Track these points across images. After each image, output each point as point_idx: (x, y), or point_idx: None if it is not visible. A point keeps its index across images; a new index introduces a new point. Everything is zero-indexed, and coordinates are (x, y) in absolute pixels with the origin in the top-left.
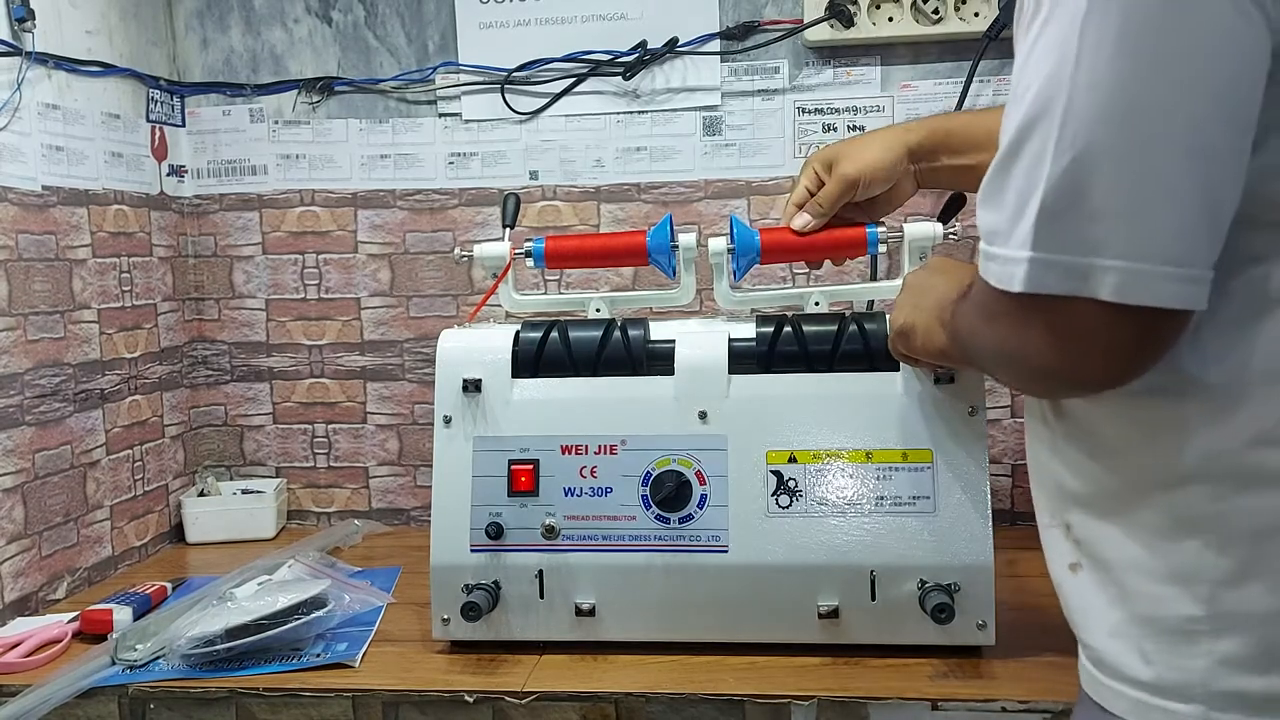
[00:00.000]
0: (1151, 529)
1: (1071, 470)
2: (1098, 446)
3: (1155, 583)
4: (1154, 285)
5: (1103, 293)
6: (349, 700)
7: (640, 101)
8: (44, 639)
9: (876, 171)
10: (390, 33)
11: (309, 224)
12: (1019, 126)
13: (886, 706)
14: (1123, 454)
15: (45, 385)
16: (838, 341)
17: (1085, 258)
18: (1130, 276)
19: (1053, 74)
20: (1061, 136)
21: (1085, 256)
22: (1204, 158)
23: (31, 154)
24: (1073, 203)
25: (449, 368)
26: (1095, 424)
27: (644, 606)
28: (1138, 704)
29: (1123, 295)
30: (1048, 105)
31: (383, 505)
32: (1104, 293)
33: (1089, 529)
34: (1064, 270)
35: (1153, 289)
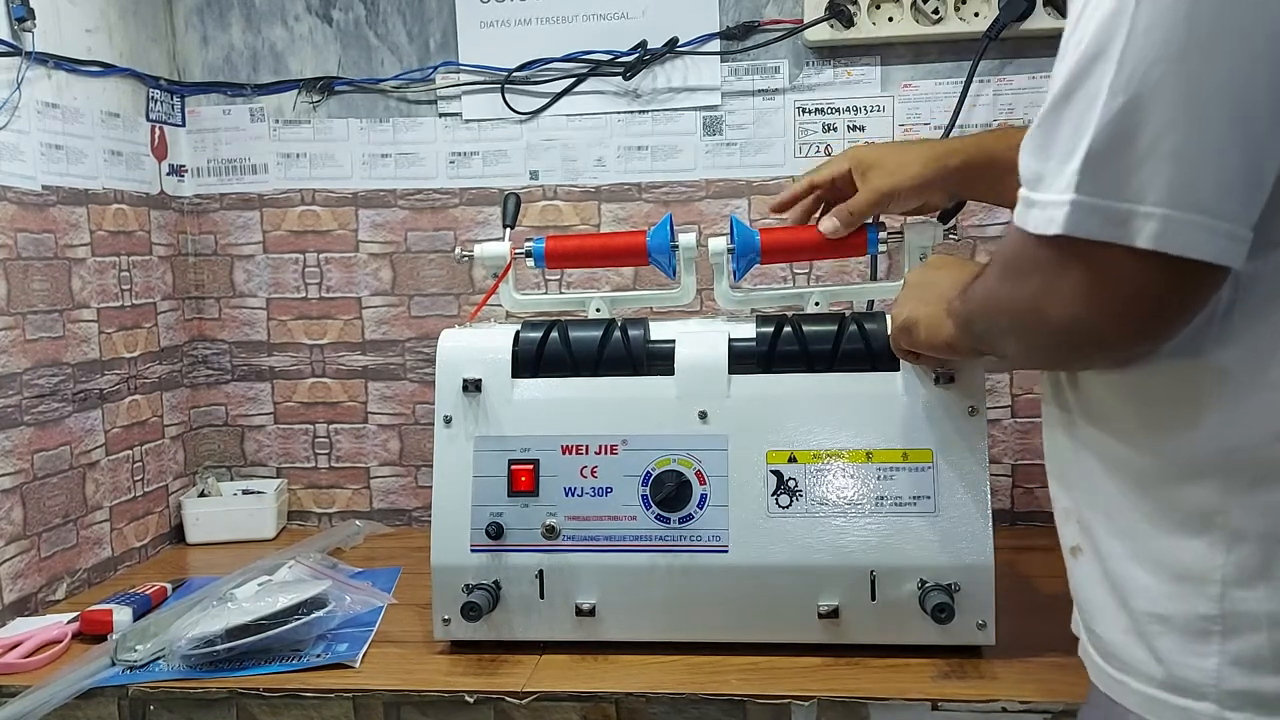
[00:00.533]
0: (1162, 521)
1: (1087, 451)
2: (1114, 430)
3: (1165, 579)
4: (1192, 236)
5: (1140, 240)
6: (349, 701)
7: (641, 101)
8: (44, 640)
9: (911, 191)
10: (391, 31)
11: (310, 223)
12: (1073, 71)
13: (887, 706)
14: (1138, 440)
15: (44, 385)
16: (838, 341)
17: (1127, 203)
18: (1169, 225)
19: (1111, 17)
20: (1117, 77)
21: (1127, 202)
22: (1252, 114)
23: (31, 153)
24: (1121, 146)
25: (449, 367)
26: (1113, 406)
27: (644, 606)
28: (1149, 699)
29: (1161, 243)
30: (1105, 46)
31: (384, 506)
32: (1141, 240)
33: (1095, 514)
34: (1105, 215)
35: (1191, 239)
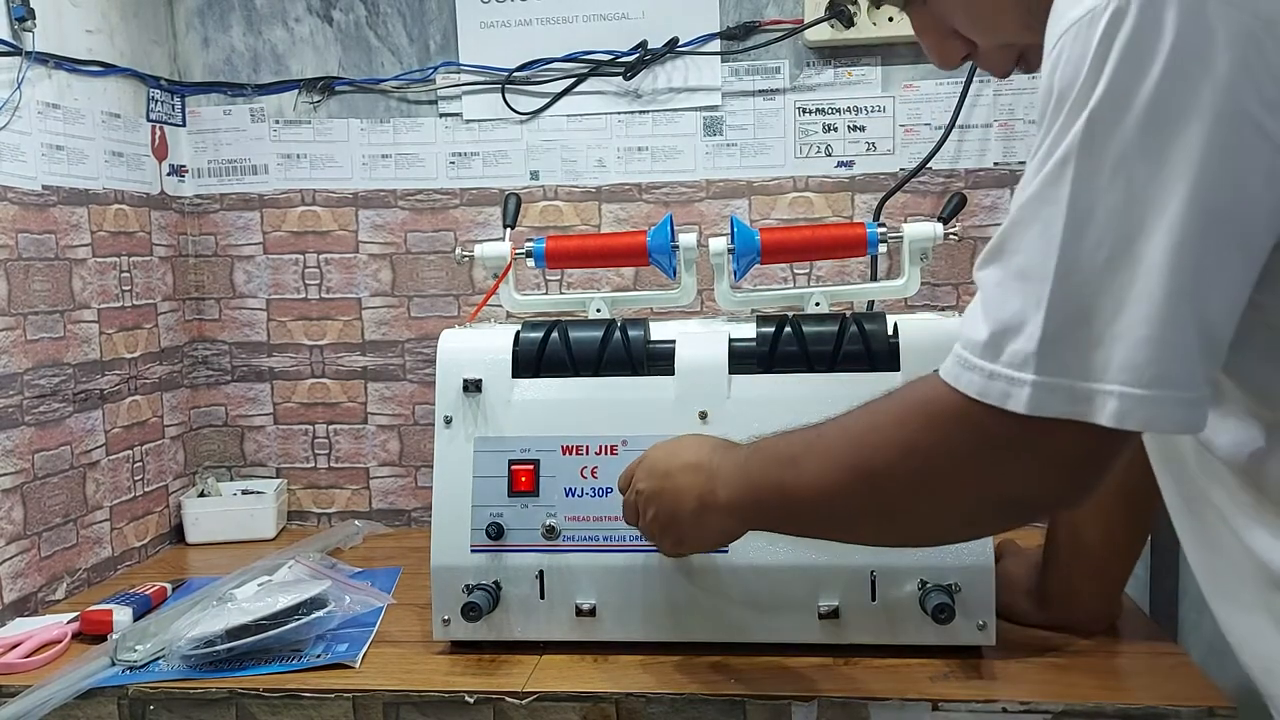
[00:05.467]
0: None
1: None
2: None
3: None
4: (1153, 410)
5: (1102, 418)
6: (349, 701)
7: (641, 101)
8: (44, 639)
9: None
10: (391, 32)
11: (310, 224)
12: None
13: (887, 706)
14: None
15: (45, 385)
16: (838, 342)
17: (1088, 382)
18: (1129, 401)
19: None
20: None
21: (1088, 381)
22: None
23: (31, 153)
24: (1075, 327)
25: (450, 368)
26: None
27: (644, 607)
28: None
29: (1122, 421)
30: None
31: (383, 506)
32: (1103, 418)
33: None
34: (1068, 394)
35: (1152, 414)
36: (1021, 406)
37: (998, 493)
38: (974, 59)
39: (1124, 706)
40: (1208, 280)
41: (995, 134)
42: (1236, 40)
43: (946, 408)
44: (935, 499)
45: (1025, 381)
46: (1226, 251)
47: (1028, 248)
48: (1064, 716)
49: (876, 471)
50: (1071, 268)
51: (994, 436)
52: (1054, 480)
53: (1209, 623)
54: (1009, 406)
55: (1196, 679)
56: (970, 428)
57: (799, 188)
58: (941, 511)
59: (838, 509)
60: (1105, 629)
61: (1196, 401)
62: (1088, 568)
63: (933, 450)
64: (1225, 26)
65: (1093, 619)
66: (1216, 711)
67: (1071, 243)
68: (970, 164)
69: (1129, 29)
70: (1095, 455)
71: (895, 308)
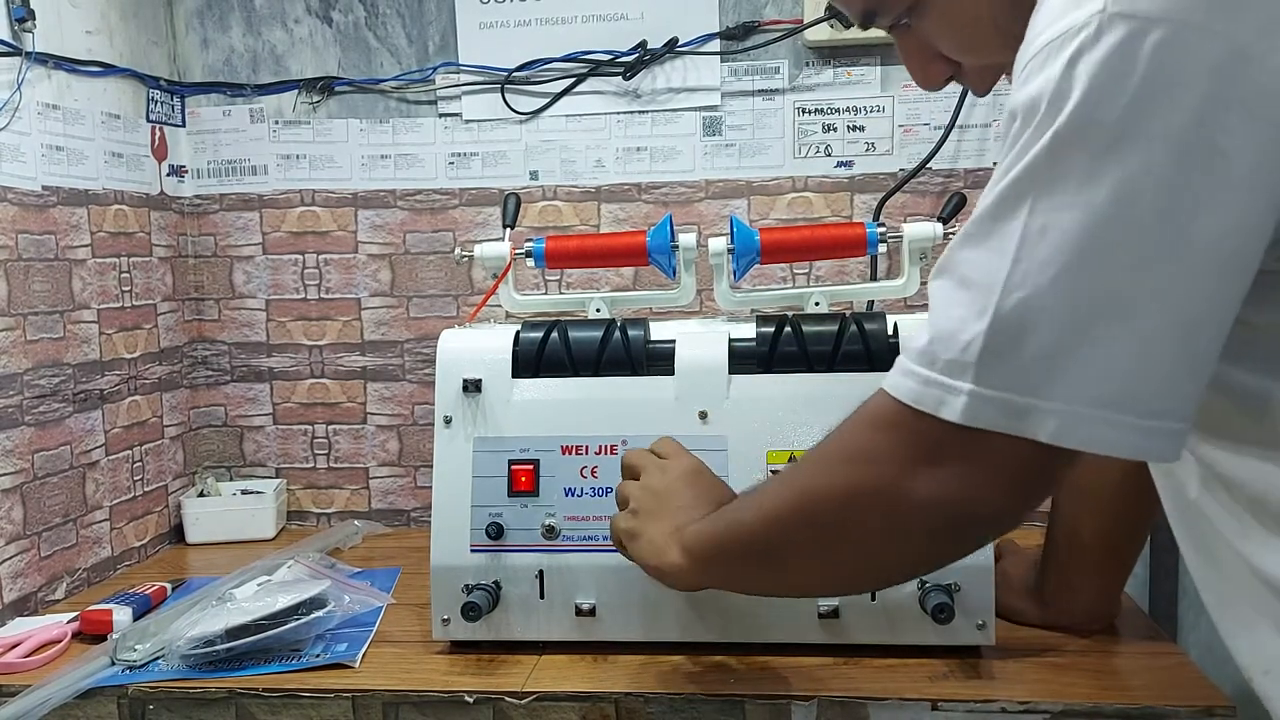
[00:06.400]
0: None
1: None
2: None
3: None
4: (1093, 430)
5: (1041, 434)
6: (349, 701)
7: (640, 101)
8: (44, 639)
9: None
10: (390, 33)
11: (309, 224)
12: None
13: (886, 706)
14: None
15: (44, 385)
16: (838, 342)
17: (1026, 397)
18: (1068, 420)
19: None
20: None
21: (1026, 396)
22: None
23: (31, 154)
24: (1017, 343)
25: (449, 368)
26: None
27: (644, 607)
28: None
29: (1060, 439)
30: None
31: (383, 506)
32: (1042, 435)
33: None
34: (1004, 407)
35: (1091, 434)
36: (956, 415)
37: (936, 502)
38: (958, 78)
39: (1123, 706)
40: (1162, 308)
41: (995, 134)
42: (1209, 70)
43: (883, 415)
44: (867, 512)
45: (962, 390)
46: (1187, 285)
47: (978, 261)
48: (1063, 716)
49: (815, 489)
50: (1020, 283)
51: (926, 443)
52: (987, 492)
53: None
54: (943, 414)
55: (1195, 679)
56: (903, 434)
57: (798, 188)
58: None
59: (775, 535)
60: (1104, 628)
61: (1145, 429)
62: (1086, 567)
63: (865, 457)
64: (1199, 56)
65: (1092, 618)
66: (1215, 711)
67: (1022, 259)
68: (970, 164)
69: (1101, 54)
70: (1031, 471)
71: (895, 308)
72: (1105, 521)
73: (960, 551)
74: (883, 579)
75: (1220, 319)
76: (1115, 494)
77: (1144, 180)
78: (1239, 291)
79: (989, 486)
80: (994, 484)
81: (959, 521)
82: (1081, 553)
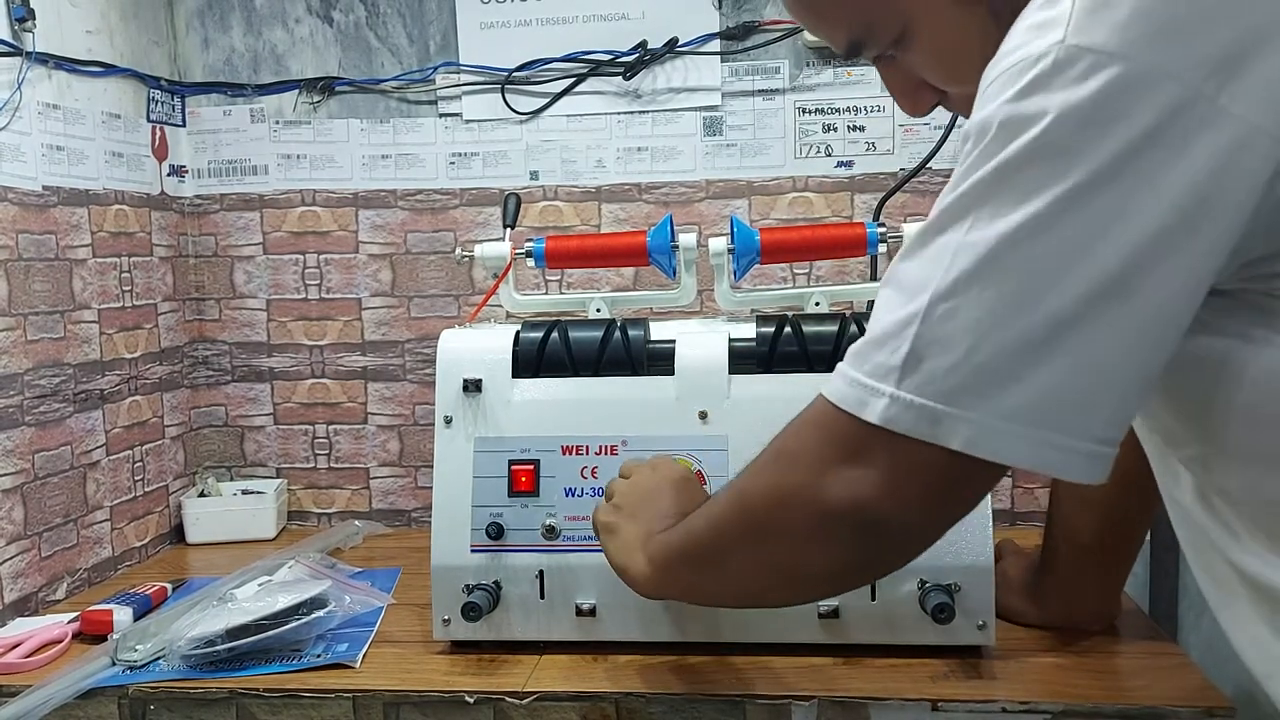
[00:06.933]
0: None
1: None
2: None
3: None
4: (1005, 443)
5: (953, 443)
6: (349, 701)
7: (641, 101)
8: (44, 639)
9: None
10: (391, 33)
11: (310, 224)
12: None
13: (887, 706)
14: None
15: (45, 385)
16: (838, 342)
17: (942, 405)
18: (981, 431)
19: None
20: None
21: (942, 404)
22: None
23: (32, 154)
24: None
25: (450, 368)
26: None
27: (644, 607)
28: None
29: (972, 448)
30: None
31: (383, 506)
32: (955, 443)
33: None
34: (920, 413)
35: (1004, 446)
36: (875, 417)
37: (843, 501)
38: (944, 104)
39: (1123, 706)
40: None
41: None
42: (1159, 109)
43: (814, 416)
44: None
45: (883, 393)
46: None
47: (914, 270)
48: (1064, 716)
49: (748, 489)
50: (951, 291)
51: (847, 443)
52: (898, 497)
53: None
54: (864, 415)
55: (1196, 679)
56: (828, 433)
57: (799, 188)
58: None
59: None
60: (1105, 628)
61: (1061, 446)
62: (1086, 567)
63: (801, 455)
64: (1155, 90)
65: (1092, 618)
66: (1215, 711)
67: (957, 268)
68: None
69: (1056, 84)
70: (944, 480)
71: None
72: (1105, 521)
73: (879, 560)
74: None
75: (1153, 350)
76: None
77: (1082, 206)
78: (1175, 326)
79: (901, 492)
80: (906, 489)
81: (872, 526)
82: (1081, 553)
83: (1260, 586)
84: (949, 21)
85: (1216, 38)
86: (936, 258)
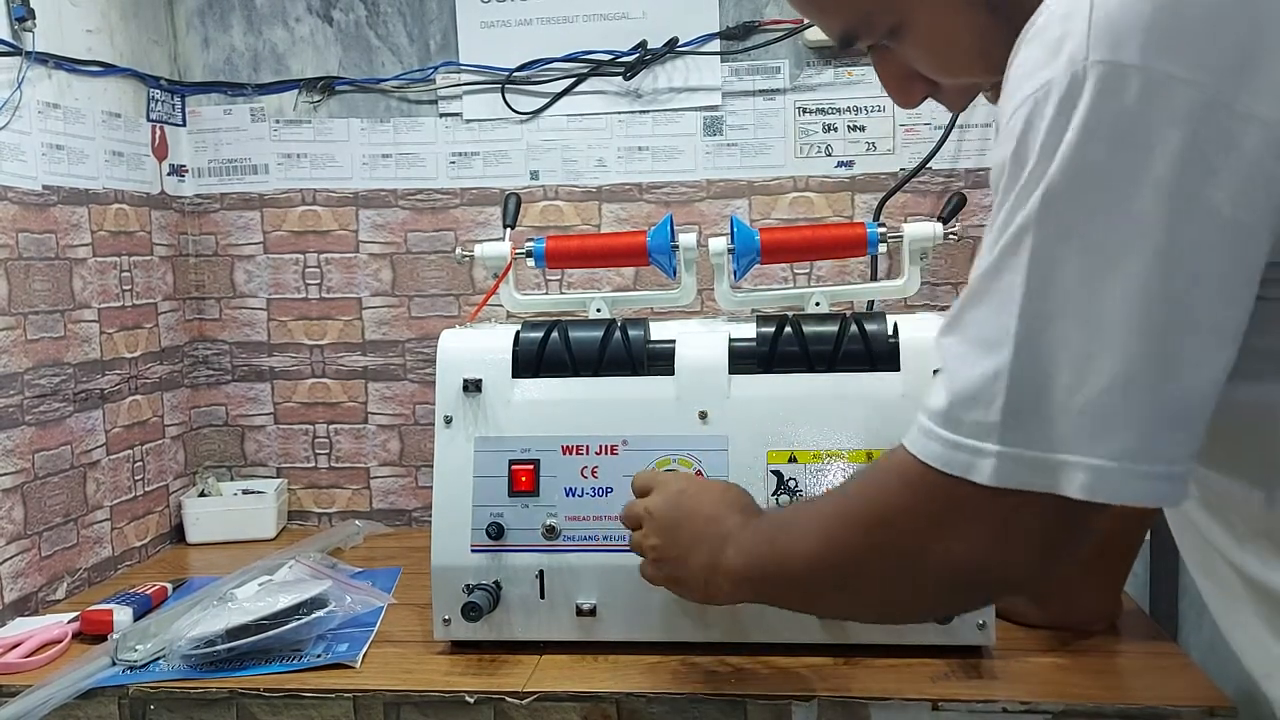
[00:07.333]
0: None
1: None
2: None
3: None
4: (1123, 483)
5: (1071, 490)
6: (350, 701)
7: (641, 101)
8: (44, 639)
9: None
10: (392, 32)
11: (310, 223)
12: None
13: (887, 706)
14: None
15: (45, 385)
16: (838, 341)
17: (1054, 454)
18: (1098, 474)
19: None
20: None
21: (1054, 453)
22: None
23: (32, 153)
24: (1036, 399)
25: (450, 368)
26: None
27: (645, 607)
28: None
29: (1092, 494)
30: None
31: (384, 506)
32: (1072, 490)
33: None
34: (1033, 466)
35: (1122, 487)
36: (985, 478)
37: (966, 563)
38: (934, 96)
39: (1124, 706)
40: (1169, 352)
41: (995, 134)
42: (1191, 112)
43: (914, 478)
44: (904, 570)
45: (989, 452)
46: (1187, 324)
47: (987, 318)
48: (1064, 716)
49: (850, 544)
50: (1031, 339)
51: (960, 506)
52: (1023, 551)
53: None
54: (973, 477)
55: (1196, 679)
56: (938, 498)
57: (799, 188)
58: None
59: (816, 580)
60: (1105, 628)
61: (1168, 475)
62: (1086, 566)
63: (900, 519)
64: (1180, 98)
65: (1092, 618)
66: (1216, 711)
67: (1030, 314)
68: (970, 164)
69: (1085, 102)
70: (1065, 526)
71: (895, 308)
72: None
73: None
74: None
75: (1219, 361)
76: None
77: (1136, 229)
78: (1235, 330)
79: (1022, 544)
80: (1026, 543)
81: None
82: None
83: (1262, 588)
84: (947, 14)
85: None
86: (1004, 304)
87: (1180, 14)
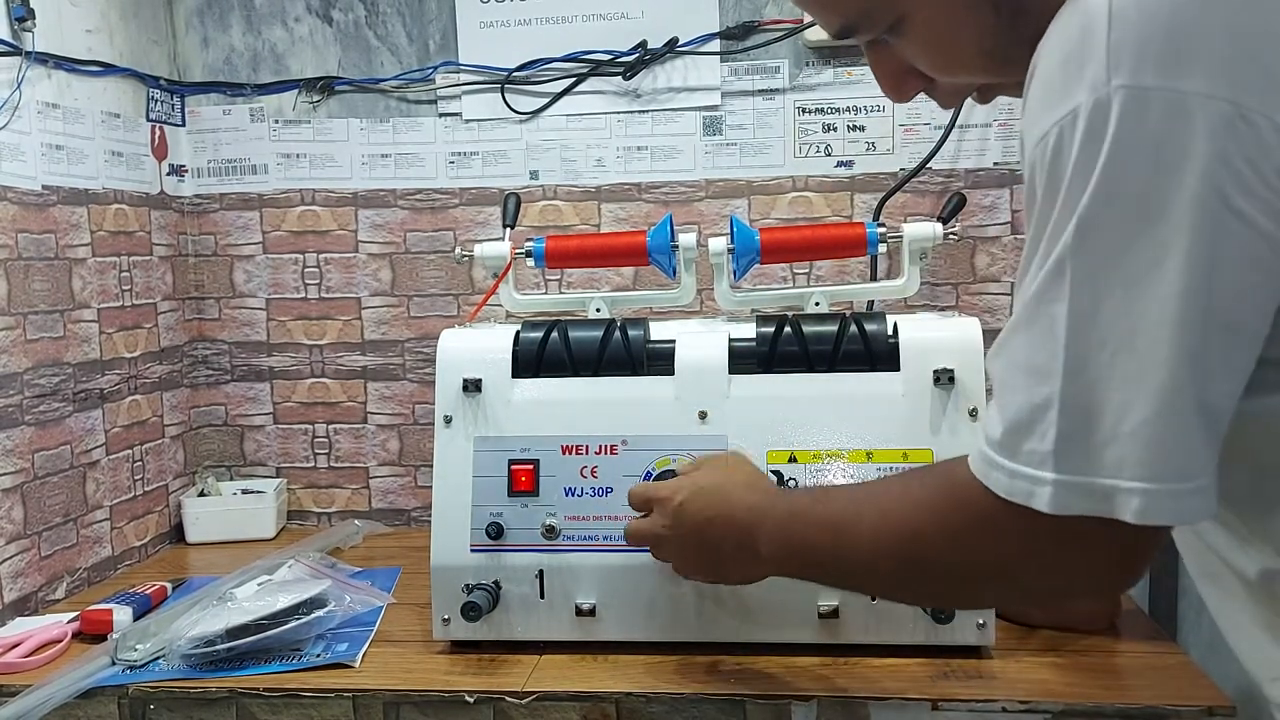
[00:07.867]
0: None
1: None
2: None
3: None
4: (1175, 504)
5: (1126, 514)
6: (349, 701)
7: (641, 101)
8: (44, 639)
9: None
10: (391, 32)
11: (309, 223)
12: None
13: (887, 706)
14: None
15: (45, 385)
16: (838, 341)
17: (1108, 479)
18: (1152, 498)
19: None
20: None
21: (1108, 478)
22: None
23: (31, 153)
24: (1088, 427)
25: (450, 367)
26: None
27: (644, 607)
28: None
29: (1147, 517)
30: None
31: (383, 505)
32: (1128, 514)
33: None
34: (1088, 492)
35: (1174, 508)
36: (1045, 505)
37: (1042, 583)
38: (927, 92)
39: (1124, 706)
40: (1208, 368)
41: (995, 133)
42: (1214, 128)
43: (982, 506)
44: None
45: (1046, 481)
46: (1224, 338)
47: (1034, 346)
48: (1064, 716)
49: (927, 560)
50: (1079, 366)
51: (1030, 534)
52: (1095, 571)
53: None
54: (1034, 505)
55: (1196, 679)
56: (1007, 526)
57: (799, 187)
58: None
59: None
60: (1105, 628)
61: (1206, 489)
62: None
63: (977, 546)
64: (1203, 115)
65: (1092, 618)
66: (1216, 711)
67: (1076, 341)
68: (970, 164)
69: (1113, 125)
70: (1131, 547)
71: (895, 308)
72: None
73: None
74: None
75: (1246, 372)
76: None
77: (1171, 249)
78: (1259, 342)
79: (1091, 566)
80: (1097, 563)
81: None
82: None
83: (1261, 589)
84: (950, 12)
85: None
86: (1050, 332)
87: (1196, 30)
